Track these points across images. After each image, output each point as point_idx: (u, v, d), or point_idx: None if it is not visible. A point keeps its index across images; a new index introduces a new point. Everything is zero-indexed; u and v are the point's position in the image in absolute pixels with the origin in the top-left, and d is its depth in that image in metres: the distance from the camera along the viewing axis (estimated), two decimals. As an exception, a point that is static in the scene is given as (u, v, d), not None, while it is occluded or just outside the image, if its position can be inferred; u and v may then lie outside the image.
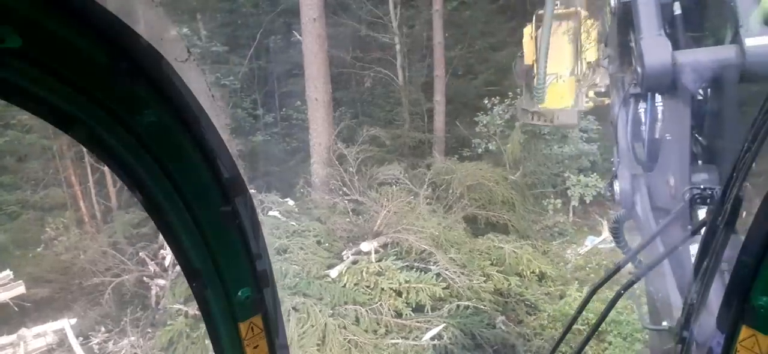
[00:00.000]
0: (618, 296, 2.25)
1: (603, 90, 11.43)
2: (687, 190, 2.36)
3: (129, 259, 14.19)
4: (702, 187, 2.30)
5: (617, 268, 2.39)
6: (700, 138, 2.74)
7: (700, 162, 2.70)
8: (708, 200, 2.20)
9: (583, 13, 11.33)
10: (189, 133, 1.09)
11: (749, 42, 2.37)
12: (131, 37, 0.97)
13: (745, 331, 1.19)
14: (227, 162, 1.14)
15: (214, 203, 1.16)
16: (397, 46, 20.51)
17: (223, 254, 1.21)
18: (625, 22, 3.05)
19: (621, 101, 3.28)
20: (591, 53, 11.07)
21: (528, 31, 11.95)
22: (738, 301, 1.19)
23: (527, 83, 12.76)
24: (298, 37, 16.82)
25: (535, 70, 10.55)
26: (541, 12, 11.64)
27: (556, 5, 10.82)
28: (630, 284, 2.28)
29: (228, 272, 1.23)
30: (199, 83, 1.08)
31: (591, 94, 11.79)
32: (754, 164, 1.28)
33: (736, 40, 2.43)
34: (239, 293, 1.25)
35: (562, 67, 11.28)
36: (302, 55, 16.50)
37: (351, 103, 21.66)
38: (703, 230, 2.15)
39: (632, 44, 3.19)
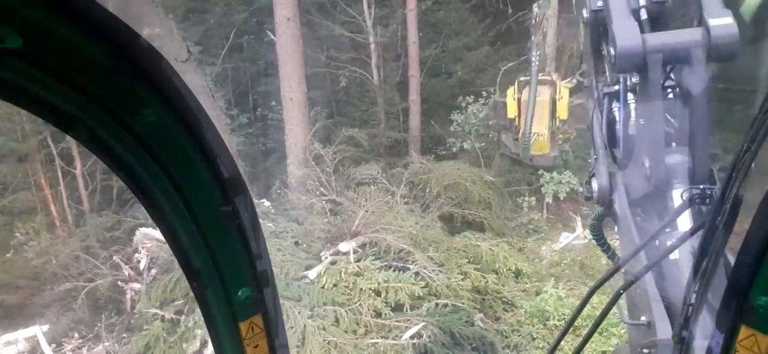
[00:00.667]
0: (618, 295, 2.27)
1: (572, 132, 15.10)
2: (686, 189, 2.40)
3: (102, 263, 13.93)
4: (701, 186, 2.35)
5: (617, 269, 2.41)
6: (672, 120, 2.84)
7: (674, 144, 2.78)
8: (707, 200, 2.24)
9: (557, 78, 14.11)
10: (189, 133, 1.09)
11: (713, 22, 2.48)
12: (131, 37, 0.97)
13: (744, 331, 1.19)
14: (227, 162, 1.14)
15: (214, 203, 1.16)
16: (372, 46, 20.51)
17: (224, 254, 1.21)
18: (597, 31, 3.21)
19: (595, 102, 3.35)
20: (563, 113, 14.04)
21: (511, 92, 14.92)
22: (737, 301, 1.19)
23: (510, 129, 15.77)
24: (272, 36, 16.72)
25: (517, 123, 13.93)
26: (522, 78, 14.83)
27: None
28: (630, 283, 2.30)
29: (228, 272, 1.23)
30: (199, 83, 1.08)
31: (561, 135, 15.07)
32: (753, 164, 1.28)
33: (702, 23, 2.55)
34: (239, 293, 1.25)
35: (542, 126, 14.08)
36: (276, 54, 16.41)
37: (326, 103, 21.61)
38: (692, 229, 2.20)
39: (604, 50, 3.35)
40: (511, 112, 15.01)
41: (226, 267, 1.22)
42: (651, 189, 2.71)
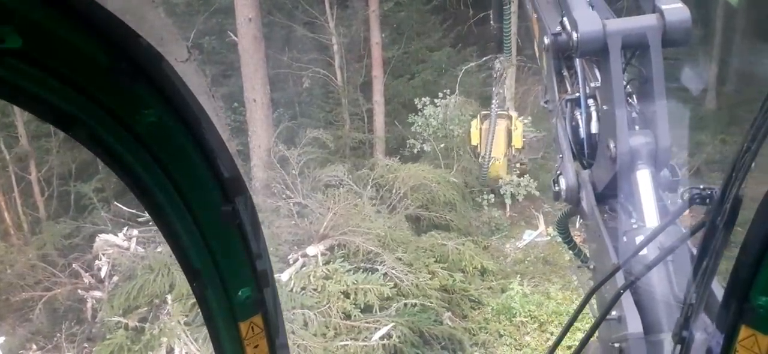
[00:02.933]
0: (618, 295, 2.31)
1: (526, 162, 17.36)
2: (686, 190, 2.47)
3: (61, 271, 13.53)
4: (701, 186, 2.41)
5: (616, 269, 2.43)
6: (635, 103, 2.94)
7: (636, 127, 2.88)
8: (707, 200, 2.31)
9: (514, 114, 16.47)
10: (189, 133, 1.09)
11: (665, 7, 2.62)
12: (131, 37, 0.96)
13: (744, 331, 1.20)
14: (227, 162, 1.14)
15: (214, 203, 1.16)
16: (335, 47, 20.45)
17: (224, 254, 1.21)
18: (558, 56, 3.36)
19: (559, 109, 3.45)
20: (517, 142, 16.32)
21: (475, 123, 16.78)
22: (737, 301, 1.20)
23: (473, 154, 17.61)
24: (234, 37, 16.53)
25: (479, 149, 15.93)
26: (484, 112, 16.79)
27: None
28: (630, 283, 2.34)
29: (228, 272, 1.23)
30: (199, 83, 1.08)
31: (518, 164, 17.15)
32: (753, 164, 1.29)
33: (656, 9, 2.66)
34: (239, 293, 1.25)
35: (499, 152, 16.11)
36: (238, 55, 16.23)
37: (290, 105, 21.44)
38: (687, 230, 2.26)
39: (565, 73, 3.48)
40: (474, 140, 17.15)
41: (226, 267, 1.22)
42: (617, 171, 2.78)
